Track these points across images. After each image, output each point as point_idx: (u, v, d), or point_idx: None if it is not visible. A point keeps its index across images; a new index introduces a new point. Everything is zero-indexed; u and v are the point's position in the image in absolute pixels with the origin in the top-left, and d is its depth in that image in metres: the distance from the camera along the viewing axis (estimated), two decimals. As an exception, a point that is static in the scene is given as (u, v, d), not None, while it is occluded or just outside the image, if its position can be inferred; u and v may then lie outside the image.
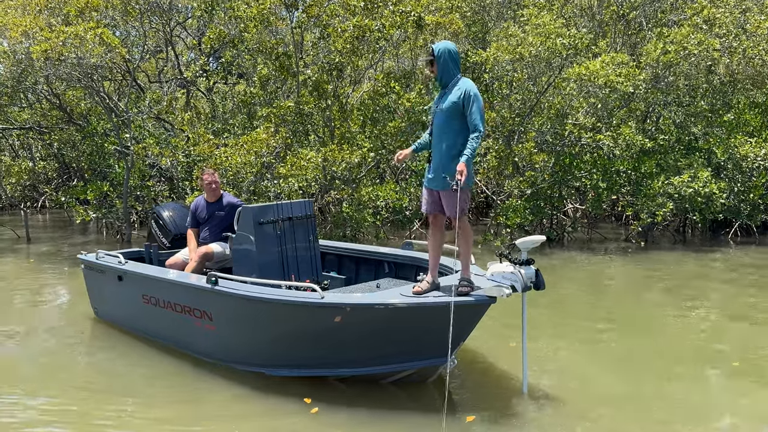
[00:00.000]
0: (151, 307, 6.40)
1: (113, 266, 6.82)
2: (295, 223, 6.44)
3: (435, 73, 4.90)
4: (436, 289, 4.95)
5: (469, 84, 4.76)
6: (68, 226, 17.46)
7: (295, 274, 6.36)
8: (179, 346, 6.28)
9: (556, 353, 6.31)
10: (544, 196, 13.31)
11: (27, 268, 11.39)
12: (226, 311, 5.52)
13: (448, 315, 4.57)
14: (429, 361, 5.00)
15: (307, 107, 12.83)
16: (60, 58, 11.68)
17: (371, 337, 4.94)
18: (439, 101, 4.85)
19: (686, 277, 10.20)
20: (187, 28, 16.94)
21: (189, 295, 5.88)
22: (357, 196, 12.19)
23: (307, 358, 5.25)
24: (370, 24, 12.27)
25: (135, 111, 14.67)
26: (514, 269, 4.87)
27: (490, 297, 4.69)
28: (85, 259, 7.44)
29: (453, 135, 4.74)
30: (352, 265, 7.16)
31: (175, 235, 7.50)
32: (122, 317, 7.12)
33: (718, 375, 5.77)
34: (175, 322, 6.12)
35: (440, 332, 4.69)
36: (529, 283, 4.86)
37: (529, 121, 13.55)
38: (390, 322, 4.79)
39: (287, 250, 6.34)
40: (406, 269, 6.51)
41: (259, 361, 5.51)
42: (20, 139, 21.84)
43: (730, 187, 12.92)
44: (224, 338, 5.65)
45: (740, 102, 14.10)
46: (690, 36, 12.81)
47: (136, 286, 6.57)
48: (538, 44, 12.61)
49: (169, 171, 13.92)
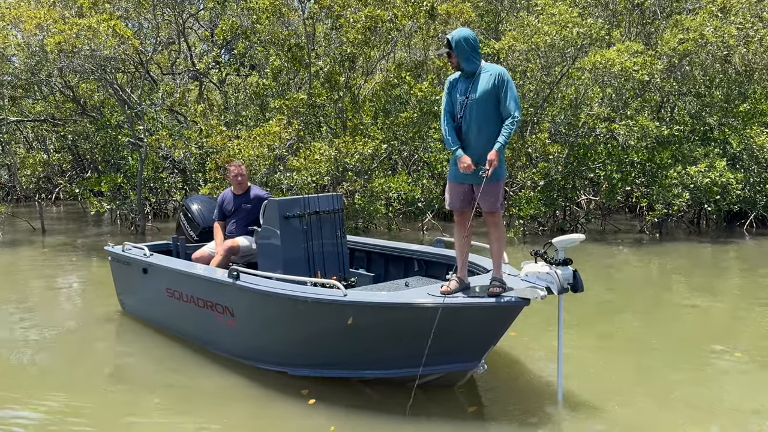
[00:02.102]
0: (174, 301, 6.28)
1: (138, 258, 6.71)
2: (322, 217, 6.25)
3: (455, 63, 4.59)
4: (465, 288, 4.69)
5: (500, 69, 4.54)
6: (83, 217, 17.59)
7: (321, 270, 6.19)
8: (201, 342, 6.15)
9: (585, 354, 5.99)
10: (557, 187, 13.24)
11: (42, 260, 11.49)
12: (248, 307, 5.39)
13: (479, 316, 4.38)
14: (457, 364, 4.77)
15: (320, 99, 12.81)
16: (73, 50, 11.72)
17: (396, 338, 4.75)
18: (468, 91, 4.51)
19: (702, 269, 10.12)
20: (200, 19, 16.95)
21: (211, 289, 5.73)
22: (369, 187, 12.18)
23: (330, 357, 5.09)
24: (382, 14, 12.22)
25: (148, 103, 14.72)
26: (549, 270, 4.54)
27: (523, 299, 4.40)
28: (112, 251, 7.32)
29: (493, 125, 4.48)
30: (381, 263, 6.95)
31: (203, 228, 7.42)
32: (147, 311, 7.04)
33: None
34: (198, 317, 5.98)
35: (469, 334, 4.54)
36: (566, 284, 4.52)
37: (542, 112, 13.47)
38: (416, 322, 4.57)
39: (313, 245, 6.16)
40: (437, 267, 6.26)
41: (280, 360, 5.35)
42: (34, 131, 21.99)
43: (746, 178, 12.79)
44: (245, 335, 5.52)
45: (756, 92, 13.93)
46: (706, 24, 12.66)
47: (161, 279, 6.46)
48: (553, 33, 12.51)
49: (182, 163, 13.97)
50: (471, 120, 4.49)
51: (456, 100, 4.56)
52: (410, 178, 13.14)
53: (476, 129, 4.48)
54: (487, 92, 4.46)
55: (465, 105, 4.50)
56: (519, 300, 4.40)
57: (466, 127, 4.51)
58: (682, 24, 13.10)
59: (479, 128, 4.48)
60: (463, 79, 4.56)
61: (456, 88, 4.59)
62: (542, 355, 5.90)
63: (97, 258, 11.34)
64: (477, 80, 4.50)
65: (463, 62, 4.52)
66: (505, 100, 4.45)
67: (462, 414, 4.77)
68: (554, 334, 4.96)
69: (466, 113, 4.51)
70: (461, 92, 4.54)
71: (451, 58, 4.61)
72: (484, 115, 4.47)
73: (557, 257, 4.59)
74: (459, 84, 4.58)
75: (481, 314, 4.48)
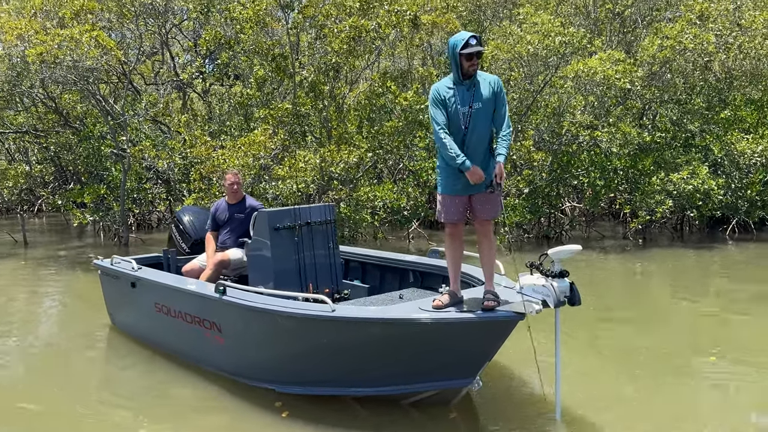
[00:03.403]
0: (163, 317, 6.12)
1: (127, 272, 6.53)
2: (314, 228, 6.12)
3: (476, 66, 4.35)
4: (458, 302, 4.56)
5: (495, 77, 4.45)
6: (65, 229, 17.42)
7: (313, 282, 6.05)
8: (191, 360, 6.00)
9: (581, 367, 5.86)
10: (542, 194, 13.31)
11: (25, 273, 11.35)
12: (235, 323, 5.26)
13: (473, 332, 4.27)
14: (451, 381, 4.62)
15: (304, 108, 12.81)
16: (55, 61, 11.64)
17: (386, 355, 4.62)
18: (469, 100, 4.33)
19: (686, 275, 10.21)
20: (183, 30, 16.90)
21: (198, 304, 5.60)
22: (355, 196, 12.18)
23: (319, 374, 4.96)
24: (365, 24, 12.26)
25: (131, 113, 14.64)
26: (546, 282, 4.38)
27: (518, 313, 4.27)
28: (101, 265, 7.15)
29: (489, 133, 4.40)
30: (377, 273, 6.83)
31: (195, 240, 7.24)
32: (136, 326, 6.88)
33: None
34: (186, 333, 5.83)
35: (463, 351, 4.43)
36: (563, 297, 4.35)
37: (526, 120, 13.56)
38: (406, 338, 4.47)
39: (305, 257, 6.02)
40: (432, 279, 6.14)
41: (268, 377, 5.20)
42: (16, 143, 21.77)
43: (728, 184, 12.93)
44: (233, 352, 5.37)
45: (736, 99, 14.12)
46: (685, 31, 12.83)
47: (149, 293, 6.30)
48: (536, 42, 12.61)
49: (165, 173, 13.89)
50: (475, 130, 4.36)
51: (456, 110, 4.34)
52: (396, 187, 13.16)
53: (477, 139, 4.38)
54: (489, 101, 4.36)
55: (470, 115, 4.33)
56: (513, 314, 4.29)
57: (471, 137, 4.36)
58: (661, 32, 13.26)
59: (480, 138, 4.39)
60: (459, 87, 4.36)
61: (452, 98, 4.35)
62: (539, 370, 5.65)
63: (80, 271, 11.22)
64: (477, 89, 4.35)
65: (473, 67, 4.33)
66: (500, 109, 4.39)
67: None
68: (552, 347, 4.79)
69: (471, 123, 4.34)
70: (462, 102, 4.33)
71: (479, 58, 4.36)
72: (485, 124, 4.38)
73: (553, 269, 4.44)
74: (456, 94, 4.35)
75: (474, 330, 4.35)
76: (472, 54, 4.26)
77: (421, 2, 13.18)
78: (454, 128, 4.35)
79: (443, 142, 4.30)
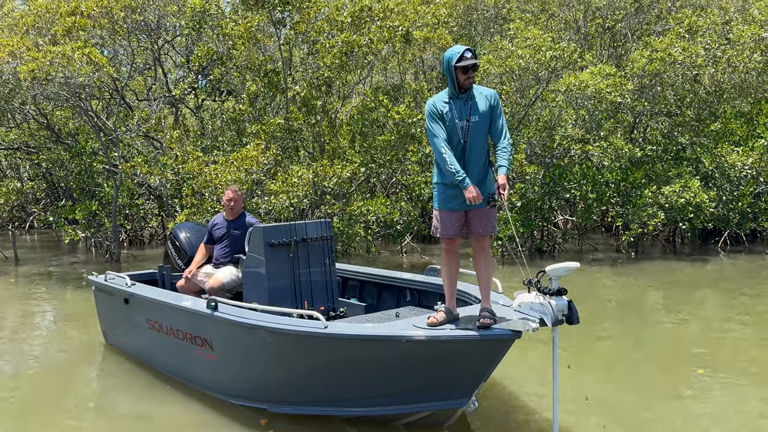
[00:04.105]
0: (155, 333, 6.04)
1: (120, 288, 6.45)
2: (310, 244, 6.01)
3: (472, 79, 4.32)
4: (454, 320, 4.48)
5: (491, 90, 4.45)
6: (57, 246, 17.32)
7: (308, 300, 5.93)
8: (182, 377, 5.89)
9: (576, 384, 5.70)
10: (534, 207, 13.34)
11: (16, 290, 11.27)
12: (226, 340, 5.18)
13: (467, 350, 4.19)
14: (446, 402, 4.51)
15: (297, 123, 12.83)
16: (47, 78, 11.63)
17: (380, 374, 4.53)
18: (468, 114, 4.31)
19: (678, 287, 10.22)
20: (176, 46, 16.94)
21: (190, 321, 5.50)
22: (348, 210, 12.17)
23: (311, 394, 4.88)
24: (358, 39, 12.32)
25: (123, 129, 14.63)
26: (543, 300, 4.28)
27: (514, 332, 4.19)
28: (95, 281, 7.06)
29: (486, 147, 4.37)
30: (374, 292, 6.76)
31: (190, 256, 7.09)
32: (129, 343, 6.79)
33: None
34: (178, 350, 5.74)
35: (458, 370, 4.35)
36: (561, 316, 4.26)
37: (518, 134, 13.62)
38: (400, 357, 4.38)
39: (300, 274, 5.91)
40: (430, 297, 6.07)
41: (260, 396, 5.11)
42: (8, 160, 21.71)
43: (719, 196, 13.00)
44: (225, 369, 5.29)
45: (726, 111, 14.23)
46: (674, 44, 12.95)
47: (142, 310, 6.22)
48: (527, 57, 12.70)
49: (158, 189, 13.86)
50: (473, 143, 4.32)
51: (454, 124, 4.30)
52: (389, 201, 13.16)
53: (476, 152, 4.34)
54: (486, 115, 4.33)
55: (467, 129, 4.30)
56: (510, 333, 4.21)
57: (469, 151, 4.32)
58: (651, 45, 13.38)
59: (479, 151, 4.35)
60: (456, 101, 4.33)
61: (449, 112, 4.32)
62: (536, 390, 5.61)
63: (72, 288, 11.15)
64: (473, 102, 4.32)
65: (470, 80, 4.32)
66: (498, 122, 4.36)
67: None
68: (549, 365, 4.63)
69: (469, 137, 4.31)
70: (459, 116, 4.30)
71: (475, 71, 4.34)
72: (482, 138, 4.35)
73: (551, 287, 4.35)
74: (452, 108, 4.32)
75: (469, 348, 4.27)
76: (468, 67, 4.23)
77: (413, 18, 13.27)
78: (453, 142, 4.31)
79: (444, 157, 4.24)
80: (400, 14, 12.82)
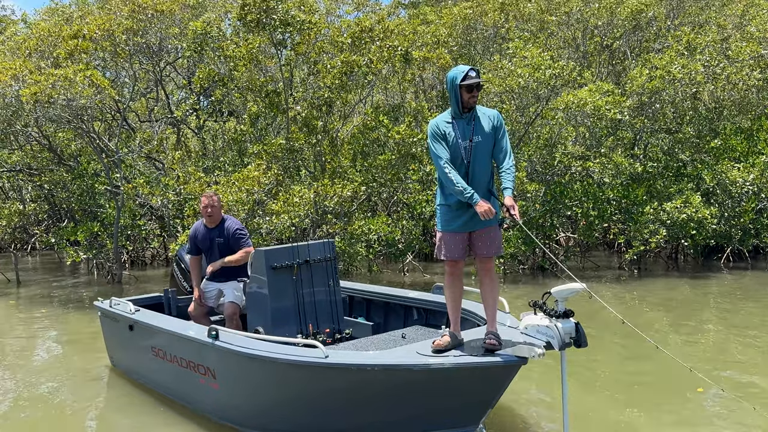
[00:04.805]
0: (160, 361, 5.97)
1: (125, 315, 6.36)
2: (314, 266, 5.96)
3: (476, 98, 4.32)
4: (459, 345, 4.40)
5: (494, 111, 4.47)
6: (59, 267, 17.31)
7: (313, 323, 5.86)
8: (188, 405, 5.81)
9: (582, 404, 5.63)
10: (536, 225, 13.33)
11: (17, 313, 11.25)
12: (228, 369, 5.10)
13: (472, 378, 4.11)
14: (453, 430, 4.43)
15: (298, 143, 12.88)
16: (49, 101, 11.70)
17: (383, 402, 4.44)
18: (471, 134, 4.29)
19: (681, 304, 10.17)
20: (178, 67, 17.06)
21: (191, 349, 5.41)
22: (349, 230, 12.17)
23: (313, 423, 4.79)
24: (358, 60, 12.39)
25: (125, 151, 14.69)
26: (549, 323, 4.21)
27: (520, 358, 4.08)
28: (101, 307, 6.98)
29: (489, 167, 4.36)
30: (381, 310, 6.70)
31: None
32: (136, 370, 6.70)
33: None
34: (183, 379, 5.66)
35: (463, 398, 4.27)
36: (568, 339, 4.18)
37: (518, 152, 13.65)
38: (402, 386, 4.31)
39: (304, 296, 5.84)
40: (437, 316, 5.99)
41: (263, 425, 5.03)
42: (10, 181, 21.76)
43: (721, 213, 12.98)
44: (227, 398, 5.22)
45: (726, 128, 14.25)
46: (673, 62, 13.01)
47: (146, 337, 6.14)
48: (526, 75, 12.76)
49: (159, 210, 13.88)
50: (476, 164, 4.31)
51: (457, 144, 4.28)
52: (390, 220, 13.16)
53: (480, 173, 4.32)
54: (489, 135, 4.32)
55: (471, 149, 4.27)
56: (515, 359, 4.11)
57: (473, 171, 4.30)
58: (650, 62, 13.45)
59: (482, 172, 4.33)
60: (459, 121, 4.32)
61: (453, 132, 4.31)
62: (546, 413, 5.48)
63: (73, 310, 11.12)
64: (477, 122, 4.31)
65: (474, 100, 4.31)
66: (501, 142, 4.34)
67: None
68: (558, 384, 4.55)
69: (472, 157, 4.29)
70: (462, 136, 4.28)
71: (479, 91, 4.34)
72: (486, 158, 4.34)
73: (557, 308, 4.26)
74: (455, 128, 4.31)
75: (473, 376, 4.20)
76: (473, 86, 4.23)
77: (412, 38, 13.36)
78: (456, 163, 4.29)
79: (449, 176, 4.21)
80: (399, 34, 12.91)
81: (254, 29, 12.84)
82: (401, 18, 20.59)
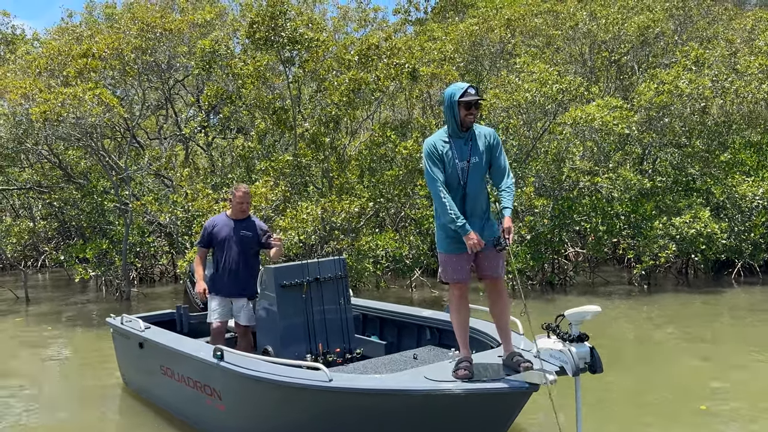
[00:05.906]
0: (169, 380, 5.88)
1: (135, 332, 6.25)
2: (324, 284, 5.86)
3: (474, 117, 4.18)
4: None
5: (491, 129, 4.34)
6: (68, 285, 17.36)
7: (323, 341, 5.76)
8: (195, 426, 5.70)
9: (594, 424, 5.45)
10: (544, 240, 13.26)
11: (26, 331, 11.26)
12: (233, 390, 5.01)
13: (483, 405, 4.01)
14: None
15: (305, 159, 12.91)
16: (58, 119, 11.79)
17: (389, 427, 4.34)
18: (467, 154, 4.15)
19: (692, 320, 10.07)
20: (186, 85, 17.18)
21: (198, 369, 5.32)
22: (357, 246, 12.15)
23: None
24: (365, 77, 12.44)
25: (134, 168, 14.77)
26: (563, 347, 4.03)
27: (531, 384, 3.92)
28: (113, 324, 6.90)
29: (485, 188, 4.25)
30: (394, 329, 6.59)
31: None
32: (146, 388, 6.62)
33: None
34: (190, 398, 5.56)
35: (472, 425, 4.16)
36: (583, 364, 4.00)
37: (526, 167, 13.62)
38: (408, 411, 4.19)
39: (314, 314, 5.75)
40: (450, 336, 5.60)
41: None
42: (21, 199, 21.91)
43: (731, 227, 12.87)
44: (233, 420, 5.10)
45: (735, 142, 14.18)
46: (681, 77, 12.98)
47: (155, 355, 6.04)
48: (534, 91, 12.76)
49: (168, 227, 13.92)
50: (473, 185, 4.17)
51: (454, 165, 4.15)
52: (397, 236, 13.13)
53: (476, 194, 4.20)
54: (486, 155, 4.20)
55: (468, 170, 4.14)
56: (526, 385, 3.97)
57: (469, 193, 4.18)
58: (657, 77, 13.42)
59: (479, 193, 4.22)
60: (456, 140, 4.18)
61: (449, 152, 4.17)
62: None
63: (81, 328, 11.13)
64: (474, 142, 4.18)
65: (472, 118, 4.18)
66: (499, 161, 4.22)
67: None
68: (573, 411, 4.34)
69: (469, 179, 4.15)
70: (459, 157, 4.15)
71: (478, 109, 4.20)
72: (482, 179, 4.22)
73: (571, 332, 4.09)
74: (452, 148, 4.17)
75: (483, 402, 4.09)
76: (471, 103, 4.10)
77: (419, 55, 13.40)
78: (453, 184, 4.16)
79: (442, 201, 4.09)
80: (406, 51, 12.96)
81: (263, 47, 12.93)
82: (408, 35, 20.69)
